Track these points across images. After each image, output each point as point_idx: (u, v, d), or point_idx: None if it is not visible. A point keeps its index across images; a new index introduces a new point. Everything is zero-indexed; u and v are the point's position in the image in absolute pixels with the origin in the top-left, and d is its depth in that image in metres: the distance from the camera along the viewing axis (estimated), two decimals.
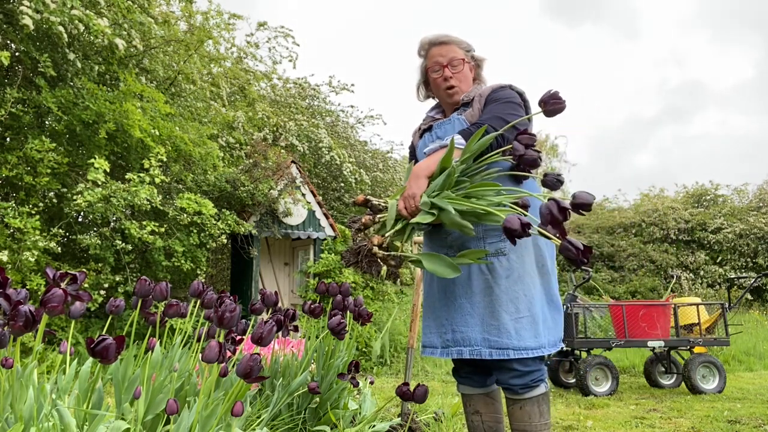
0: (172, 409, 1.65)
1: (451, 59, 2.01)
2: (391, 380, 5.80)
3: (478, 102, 1.96)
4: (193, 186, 6.91)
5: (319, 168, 10.55)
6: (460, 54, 2.03)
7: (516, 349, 1.77)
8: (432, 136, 2.04)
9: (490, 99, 1.94)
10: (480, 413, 1.98)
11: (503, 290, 1.81)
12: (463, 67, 2.02)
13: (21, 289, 1.77)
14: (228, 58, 9.94)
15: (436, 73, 2.03)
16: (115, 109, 5.83)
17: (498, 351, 1.78)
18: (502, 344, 1.78)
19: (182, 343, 2.43)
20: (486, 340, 1.80)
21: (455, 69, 2.01)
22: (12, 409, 1.69)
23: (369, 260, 1.69)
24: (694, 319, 5.30)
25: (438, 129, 2.03)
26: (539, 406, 1.82)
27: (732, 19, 50.23)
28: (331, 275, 7.84)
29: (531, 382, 1.81)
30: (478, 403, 1.99)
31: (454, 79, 2.01)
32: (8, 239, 5.16)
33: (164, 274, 6.44)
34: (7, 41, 5.70)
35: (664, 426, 3.67)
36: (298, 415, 2.61)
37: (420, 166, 1.77)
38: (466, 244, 1.87)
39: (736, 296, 9.58)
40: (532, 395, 1.82)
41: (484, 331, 1.81)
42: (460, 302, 1.86)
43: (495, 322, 1.79)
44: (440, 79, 2.02)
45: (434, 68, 2.04)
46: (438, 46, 2.03)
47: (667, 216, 14.87)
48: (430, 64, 2.05)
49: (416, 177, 1.74)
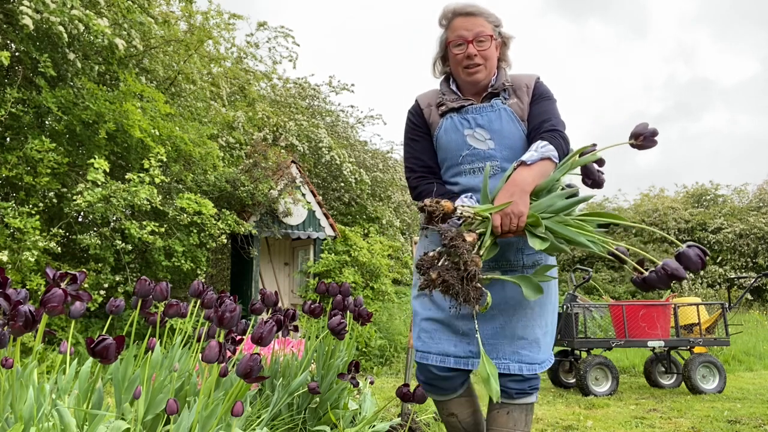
0: (172, 409, 1.65)
1: (477, 34, 1.75)
2: (391, 380, 5.80)
3: (526, 94, 1.78)
4: (193, 186, 6.90)
5: (319, 168, 10.55)
6: (488, 29, 1.77)
7: (541, 363, 1.73)
8: (468, 120, 1.79)
9: (538, 93, 1.78)
10: (455, 414, 1.87)
11: (537, 303, 1.74)
12: (490, 44, 1.77)
13: (21, 289, 1.77)
14: (228, 58, 9.94)
15: (458, 48, 1.77)
16: (115, 109, 5.83)
17: (528, 366, 1.71)
18: (533, 359, 1.71)
19: (182, 343, 2.43)
20: (516, 353, 1.71)
21: (481, 46, 1.76)
22: (12, 409, 1.69)
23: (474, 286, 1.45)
24: (694, 319, 5.30)
25: (478, 115, 1.78)
26: (526, 414, 1.77)
27: (738, 16, 50.22)
28: (331, 275, 7.84)
29: (528, 389, 1.76)
30: (453, 406, 1.87)
31: (478, 56, 1.76)
32: (8, 239, 5.16)
33: (164, 274, 6.44)
34: (7, 41, 5.69)
35: (664, 426, 3.67)
36: (298, 415, 2.61)
37: (526, 180, 1.55)
38: (505, 255, 1.75)
39: (736, 296, 9.58)
40: (524, 402, 1.76)
41: (513, 344, 1.72)
42: (491, 313, 1.73)
43: (527, 336, 1.72)
44: (462, 55, 1.77)
45: (457, 42, 1.77)
46: (464, 17, 1.77)
47: (667, 216, 14.87)
48: (452, 37, 1.79)
49: (522, 191, 1.53)
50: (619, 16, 49.38)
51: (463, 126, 1.79)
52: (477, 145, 1.77)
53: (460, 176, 1.81)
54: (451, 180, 1.83)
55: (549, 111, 1.75)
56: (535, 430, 3.55)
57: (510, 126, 1.76)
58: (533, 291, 1.55)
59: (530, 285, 1.56)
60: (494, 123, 1.76)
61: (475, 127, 1.78)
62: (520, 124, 1.76)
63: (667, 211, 15.02)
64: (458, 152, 1.80)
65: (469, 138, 1.78)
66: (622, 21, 47.76)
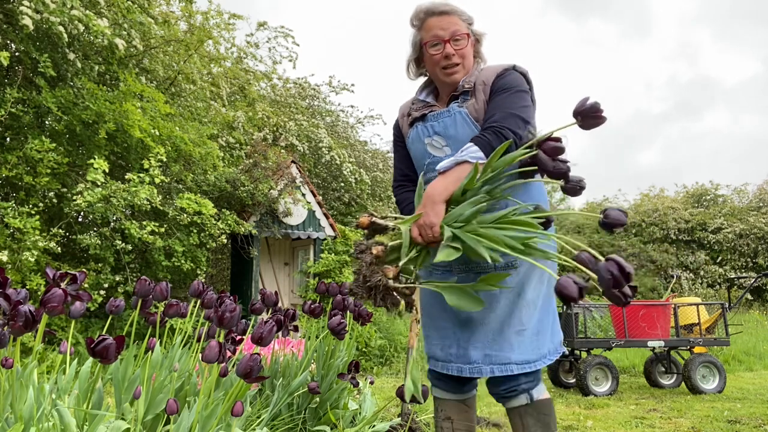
0: (172, 409, 1.65)
1: (453, 33, 1.71)
2: (391, 380, 5.80)
3: (482, 91, 1.71)
4: (193, 186, 6.91)
5: (319, 168, 10.55)
6: (463, 27, 1.74)
7: (518, 364, 1.65)
8: (427, 128, 1.78)
9: (496, 88, 1.69)
10: (451, 420, 1.81)
11: (510, 303, 1.68)
12: (466, 43, 1.73)
13: (21, 289, 1.77)
14: (228, 58, 9.94)
15: (435, 49, 1.73)
16: (115, 109, 5.83)
17: (500, 367, 1.65)
18: (504, 359, 1.65)
19: (182, 343, 2.43)
20: (487, 356, 1.67)
21: (458, 45, 1.72)
22: (12, 409, 1.69)
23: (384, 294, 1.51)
24: (694, 319, 5.30)
25: (435, 121, 1.76)
26: (522, 418, 1.67)
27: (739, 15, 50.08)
28: (331, 275, 7.84)
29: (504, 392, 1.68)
30: (452, 410, 1.82)
31: (456, 56, 1.72)
32: (8, 239, 5.16)
33: (164, 274, 6.44)
34: (7, 41, 5.69)
35: (664, 426, 3.67)
36: (298, 415, 2.61)
37: (436, 189, 1.53)
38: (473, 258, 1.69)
39: (736, 296, 9.58)
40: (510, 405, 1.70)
41: (485, 347, 1.67)
42: (467, 316, 1.70)
43: (498, 337, 1.67)
44: (439, 56, 1.72)
45: (433, 42, 1.73)
46: (437, 17, 1.73)
47: (667, 216, 14.88)
48: (427, 38, 1.74)
49: (432, 202, 1.51)
50: (620, 14, 49.37)
51: (424, 134, 1.78)
52: (435, 152, 1.76)
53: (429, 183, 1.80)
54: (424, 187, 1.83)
55: (498, 106, 1.63)
56: None
57: (465, 129, 1.70)
58: (467, 302, 1.52)
59: (461, 295, 1.53)
60: (449, 128, 1.73)
61: (432, 135, 1.76)
62: (475, 126, 1.69)
63: (667, 211, 15.03)
64: (422, 161, 1.80)
65: (429, 146, 1.77)
66: (623, 20, 47.70)
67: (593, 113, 1.46)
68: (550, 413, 1.70)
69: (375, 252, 1.54)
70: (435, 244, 1.53)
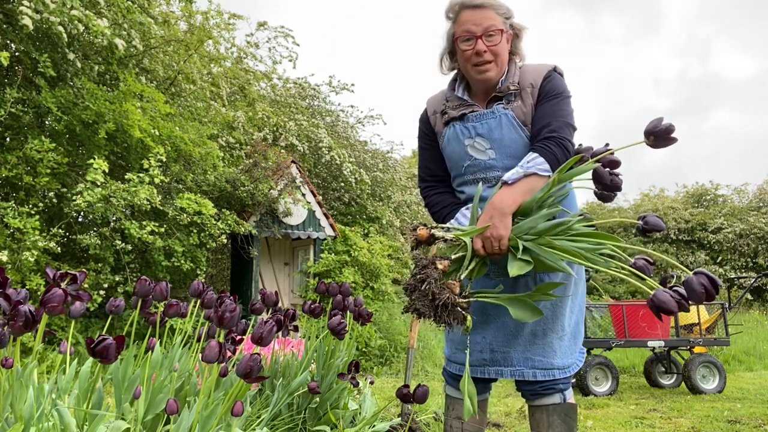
0: (172, 409, 1.65)
1: (487, 28, 1.64)
2: (391, 380, 5.80)
3: (530, 95, 1.66)
4: (193, 186, 6.90)
5: (319, 168, 10.55)
6: (499, 22, 1.66)
7: (560, 369, 1.68)
8: (468, 129, 1.72)
9: (545, 91, 1.66)
10: (462, 420, 1.80)
11: (550, 309, 1.67)
12: (500, 39, 1.65)
13: (21, 289, 1.77)
14: (228, 58, 9.94)
15: (467, 44, 1.66)
16: (115, 109, 5.83)
17: (543, 372, 1.66)
18: (547, 364, 1.67)
19: (182, 343, 2.43)
20: (529, 359, 1.67)
21: (491, 41, 1.64)
22: (12, 409, 1.69)
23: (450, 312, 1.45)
24: (694, 319, 5.30)
25: (477, 122, 1.70)
26: (549, 416, 1.68)
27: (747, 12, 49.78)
28: (331, 275, 7.84)
29: (540, 389, 1.70)
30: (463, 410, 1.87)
31: (488, 53, 1.65)
32: (8, 239, 5.16)
33: (164, 274, 6.44)
34: (7, 41, 5.69)
35: (664, 426, 3.67)
36: (298, 415, 2.61)
37: (504, 201, 1.50)
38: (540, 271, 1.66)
39: (736, 296, 9.58)
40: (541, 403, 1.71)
41: (526, 350, 1.68)
42: (503, 320, 1.69)
43: (540, 341, 1.67)
44: (471, 51, 1.65)
45: (464, 37, 1.66)
46: (471, 10, 1.65)
47: (667, 216, 14.87)
48: (459, 32, 1.67)
49: (502, 214, 1.48)
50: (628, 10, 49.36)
51: (464, 135, 1.72)
52: (477, 155, 1.71)
53: (465, 186, 1.77)
54: (458, 189, 1.81)
55: (551, 113, 1.61)
56: None
57: (511, 133, 1.66)
58: (527, 313, 1.49)
59: (523, 306, 1.50)
60: (494, 131, 1.68)
61: (475, 137, 1.71)
62: (522, 130, 1.66)
63: (668, 211, 15.03)
64: (461, 163, 1.75)
65: (470, 148, 1.71)
66: (632, 15, 47.67)
67: (666, 134, 1.48)
68: (575, 418, 1.71)
69: (441, 267, 1.48)
70: (497, 256, 1.51)
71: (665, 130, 1.48)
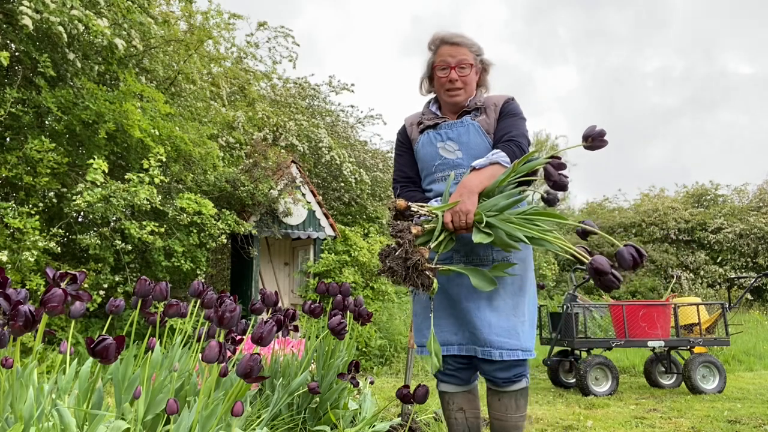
0: (172, 409, 1.65)
1: (460, 61, 2.02)
2: (391, 380, 5.80)
3: (494, 111, 2.02)
4: (193, 186, 6.90)
5: (319, 168, 10.55)
6: (470, 58, 2.04)
7: (523, 350, 1.89)
8: (440, 135, 2.05)
9: (506, 111, 2.02)
10: (464, 410, 2.03)
11: (509, 295, 1.91)
12: (470, 72, 2.04)
13: (21, 289, 1.77)
14: (228, 58, 9.94)
15: (442, 72, 2.04)
16: (115, 109, 5.82)
17: (508, 352, 1.87)
18: (512, 345, 1.87)
19: (182, 343, 2.43)
20: (495, 341, 1.87)
21: (462, 72, 2.02)
22: (12, 409, 1.69)
23: (419, 273, 1.68)
24: (694, 319, 5.30)
25: (449, 130, 2.04)
26: (516, 399, 1.93)
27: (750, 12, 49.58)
28: (331, 275, 7.84)
29: (514, 377, 1.91)
30: (462, 401, 2.03)
31: (459, 81, 2.02)
32: (8, 239, 5.15)
33: (164, 274, 6.43)
34: (7, 41, 5.69)
35: (664, 426, 3.67)
36: (298, 415, 2.61)
37: (473, 182, 1.80)
38: (475, 250, 1.93)
39: (736, 296, 9.58)
40: (511, 389, 1.93)
41: (492, 333, 1.87)
42: (465, 306, 1.92)
43: (504, 324, 1.88)
44: (445, 78, 2.03)
45: (441, 66, 2.04)
46: (449, 46, 2.03)
47: (667, 216, 14.87)
48: (437, 62, 2.05)
49: (470, 192, 1.77)
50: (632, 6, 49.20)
51: (437, 139, 2.05)
52: (447, 155, 2.03)
53: (434, 183, 2.07)
54: (428, 187, 2.10)
55: (511, 125, 1.97)
56: (535, 430, 3.55)
57: (477, 138, 1.99)
58: (484, 283, 1.76)
59: (482, 277, 1.77)
60: (463, 136, 2.01)
61: (446, 140, 2.03)
62: (486, 137, 1.99)
63: (667, 211, 15.02)
64: (432, 162, 2.05)
65: (441, 149, 2.03)
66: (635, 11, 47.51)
67: (599, 137, 1.77)
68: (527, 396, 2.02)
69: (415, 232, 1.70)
70: (462, 231, 1.76)
71: (599, 134, 1.77)
